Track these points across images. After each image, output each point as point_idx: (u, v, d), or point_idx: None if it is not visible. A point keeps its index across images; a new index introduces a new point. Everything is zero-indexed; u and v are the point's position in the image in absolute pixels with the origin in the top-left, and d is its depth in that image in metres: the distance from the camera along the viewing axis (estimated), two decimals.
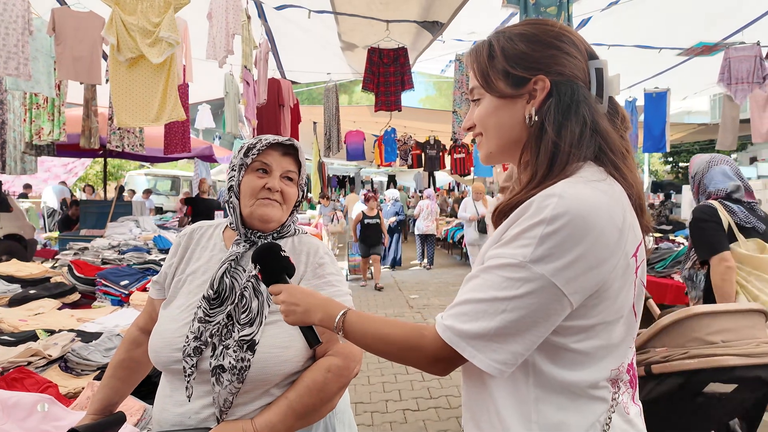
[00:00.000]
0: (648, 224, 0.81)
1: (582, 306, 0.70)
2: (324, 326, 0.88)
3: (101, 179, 11.94)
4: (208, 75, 5.29)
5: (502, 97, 0.81)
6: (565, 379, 0.72)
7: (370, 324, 0.83)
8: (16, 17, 3.66)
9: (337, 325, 0.85)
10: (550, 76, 0.77)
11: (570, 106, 0.76)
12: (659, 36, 5.23)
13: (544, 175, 0.75)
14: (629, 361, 0.79)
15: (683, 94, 7.78)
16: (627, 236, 0.72)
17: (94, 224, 5.82)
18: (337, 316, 0.85)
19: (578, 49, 0.79)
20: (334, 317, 0.85)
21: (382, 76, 5.05)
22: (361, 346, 0.84)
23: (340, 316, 0.85)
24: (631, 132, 0.86)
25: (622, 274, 0.72)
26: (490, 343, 0.69)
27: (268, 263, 0.97)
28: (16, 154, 5.27)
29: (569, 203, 0.67)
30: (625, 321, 0.75)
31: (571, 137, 0.75)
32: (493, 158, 0.87)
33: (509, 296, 0.68)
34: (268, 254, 0.97)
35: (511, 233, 0.72)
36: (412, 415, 3.17)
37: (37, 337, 2.02)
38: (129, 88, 3.46)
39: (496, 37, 0.83)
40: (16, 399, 1.23)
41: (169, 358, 1.01)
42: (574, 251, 0.66)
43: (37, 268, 3.16)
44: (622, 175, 0.77)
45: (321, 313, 0.88)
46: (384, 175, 21.47)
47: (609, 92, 0.80)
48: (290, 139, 1.15)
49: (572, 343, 0.72)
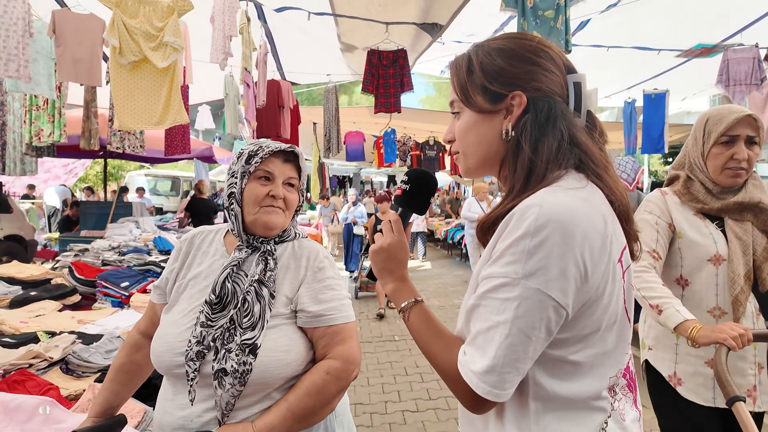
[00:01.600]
0: (635, 232, 0.82)
1: (577, 315, 0.71)
2: (389, 296, 0.89)
3: (101, 180, 11.96)
4: (208, 76, 5.31)
5: (480, 112, 0.81)
6: (564, 392, 0.73)
7: (428, 327, 0.82)
8: (16, 19, 3.68)
9: (404, 308, 0.86)
10: (527, 92, 0.78)
11: (547, 121, 0.77)
12: (658, 37, 5.25)
13: (522, 187, 0.76)
14: (625, 366, 0.80)
15: (682, 95, 7.80)
16: (611, 242, 0.73)
17: (94, 225, 5.83)
18: (405, 302, 0.86)
19: (556, 64, 0.80)
20: (404, 300, 0.86)
21: (381, 78, 5.06)
22: (412, 336, 0.84)
23: (409, 302, 0.86)
24: (608, 144, 0.88)
25: (611, 278, 0.73)
26: (501, 374, 0.69)
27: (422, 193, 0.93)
28: (16, 155, 5.28)
29: (549, 211, 0.68)
30: (618, 326, 0.76)
31: (548, 152, 0.76)
32: (472, 172, 0.87)
33: (509, 318, 0.68)
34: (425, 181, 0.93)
35: (498, 249, 0.72)
36: (411, 417, 3.18)
37: (38, 339, 2.03)
38: (131, 91, 3.47)
39: (475, 51, 0.84)
40: (19, 402, 1.25)
41: (171, 362, 1.03)
42: (564, 260, 0.67)
43: (37, 269, 3.17)
44: (604, 182, 0.78)
45: (396, 283, 0.89)
46: (384, 175, 21.50)
47: (587, 106, 0.81)
48: (291, 146, 1.17)
49: (570, 355, 0.73)
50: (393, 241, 0.90)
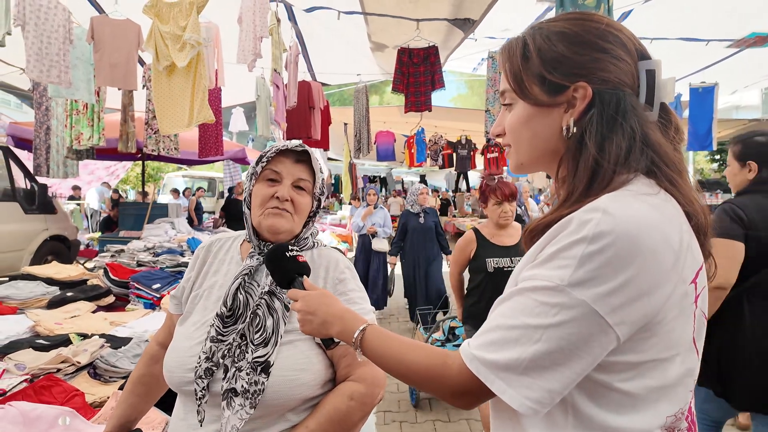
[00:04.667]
0: (710, 250, 0.70)
1: (631, 339, 0.61)
2: (341, 339, 0.82)
3: (140, 181, 12.35)
4: (242, 79, 5.36)
5: (536, 105, 0.71)
6: (610, 425, 0.62)
7: (391, 345, 0.76)
8: (57, 27, 3.79)
9: (356, 341, 0.78)
10: (593, 84, 0.67)
11: (615, 117, 0.66)
12: (707, 27, 4.93)
13: (584, 192, 0.66)
14: (688, 407, 0.68)
15: (732, 87, 7.35)
16: (685, 259, 0.62)
17: (132, 226, 6.00)
18: (356, 331, 0.79)
19: (627, 50, 0.69)
20: (352, 332, 0.79)
21: (411, 76, 4.97)
22: (379, 366, 0.77)
23: (359, 332, 0.79)
24: (685, 143, 0.75)
25: (679, 303, 0.62)
26: (521, 377, 0.61)
27: (277, 266, 0.92)
28: (59, 158, 5.48)
29: (615, 220, 0.58)
30: (682, 358, 0.65)
31: (617, 153, 0.65)
32: (524, 169, 0.78)
33: (543, 324, 0.60)
34: (274, 256, 0.93)
35: (547, 252, 0.63)
36: (443, 427, 3.08)
37: (70, 341, 2.05)
38: (169, 96, 3.54)
39: (531, 34, 0.73)
40: (39, 411, 1.23)
41: (181, 379, 0.97)
42: (622, 275, 0.57)
43: (75, 270, 3.25)
44: (680, 189, 0.67)
45: (339, 326, 0.82)
46: (415, 175, 21.41)
47: (661, 98, 0.69)
48: (302, 145, 1.09)
49: (618, 382, 0.62)
50: (305, 301, 0.86)
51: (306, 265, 0.94)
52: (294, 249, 0.94)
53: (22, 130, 5.90)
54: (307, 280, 0.91)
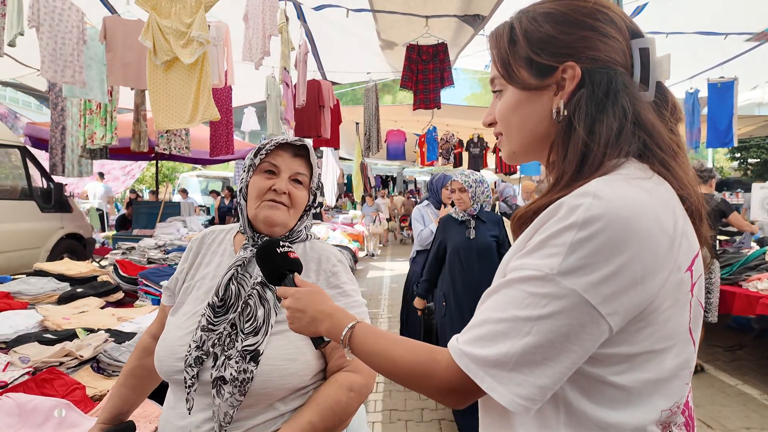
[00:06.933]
0: (706, 235, 0.67)
1: (624, 330, 0.58)
2: (330, 338, 0.80)
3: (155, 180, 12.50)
4: (253, 78, 5.39)
5: (525, 89, 0.69)
6: (602, 420, 0.60)
7: (380, 342, 0.74)
8: (71, 27, 3.86)
9: (344, 339, 0.76)
10: (582, 63, 0.65)
11: (606, 97, 0.63)
12: (725, 20, 4.81)
13: (574, 176, 0.63)
14: (685, 400, 0.65)
15: (753, 83, 7.16)
16: (680, 245, 0.59)
17: (146, 224, 6.08)
18: (345, 328, 0.77)
19: (617, 28, 0.66)
20: (341, 329, 0.77)
21: (420, 73, 4.94)
22: (368, 364, 0.75)
23: (347, 330, 0.76)
24: (682, 122, 0.71)
25: (674, 291, 0.59)
26: (512, 373, 0.58)
27: (267, 262, 0.91)
28: (74, 158, 5.58)
29: (606, 204, 0.56)
30: (678, 349, 0.62)
31: (607, 135, 0.63)
32: (517, 157, 0.75)
33: (533, 316, 0.57)
34: (264, 253, 0.91)
35: (536, 240, 0.60)
36: (449, 426, 3.04)
37: (77, 336, 2.07)
38: (166, 91, 3.55)
39: (518, 17, 0.71)
40: (36, 403, 1.24)
41: (171, 367, 0.97)
42: (613, 262, 0.54)
43: (86, 267, 3.30)
44: (673, 173, 0.64)
45: (328, 324, 0.80)
46: (427, 174, 21.33)
47: (656, 77, 0.66)
48: (301, 140, 1.09)
49: (611, 376, 0.59)
50: (294, 298, 0.84)
51: (297, 262, 0.92)
52: (285, 245, 0.92)
53: (39, 130, 6.02)
54: (298, 277, 0.89)
